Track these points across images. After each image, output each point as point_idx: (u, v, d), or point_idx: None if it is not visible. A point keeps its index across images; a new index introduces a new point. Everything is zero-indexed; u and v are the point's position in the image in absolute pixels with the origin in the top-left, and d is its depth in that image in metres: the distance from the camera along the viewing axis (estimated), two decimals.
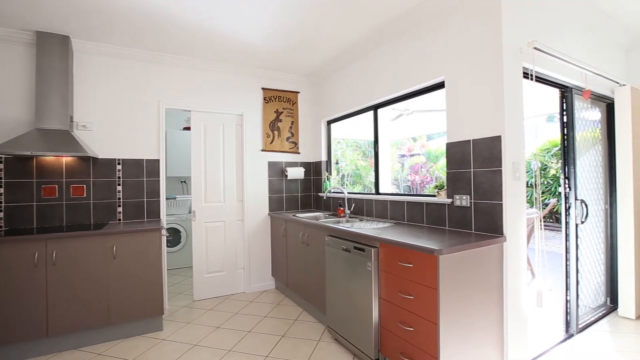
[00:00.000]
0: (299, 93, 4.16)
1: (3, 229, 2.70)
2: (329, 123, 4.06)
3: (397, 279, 1.99)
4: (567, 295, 2.65)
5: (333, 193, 3.77)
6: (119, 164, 3.18)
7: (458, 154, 2.32)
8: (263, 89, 3.93)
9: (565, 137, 2.69)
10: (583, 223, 2.71)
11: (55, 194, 2.93)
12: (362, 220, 3.08)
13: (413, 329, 1.88)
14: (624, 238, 2.89)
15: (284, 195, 4.07)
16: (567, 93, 2.65)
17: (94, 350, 2.50)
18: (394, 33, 2.81)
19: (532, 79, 2.19)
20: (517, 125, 2.10)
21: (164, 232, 2.97)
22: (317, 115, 4.15)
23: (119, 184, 3.18)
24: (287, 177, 4.01)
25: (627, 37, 3.07)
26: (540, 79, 2.41)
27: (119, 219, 3.17)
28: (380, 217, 3.06)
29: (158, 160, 3.34)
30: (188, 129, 4.94)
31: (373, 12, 2.58)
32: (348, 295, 2.39)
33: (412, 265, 1.88)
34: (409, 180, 7.07)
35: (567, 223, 2.68)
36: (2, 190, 2.76)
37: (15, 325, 2.34)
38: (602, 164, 3.05)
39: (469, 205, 2.23)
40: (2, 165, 2.75)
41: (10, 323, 2.33)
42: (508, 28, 2.04)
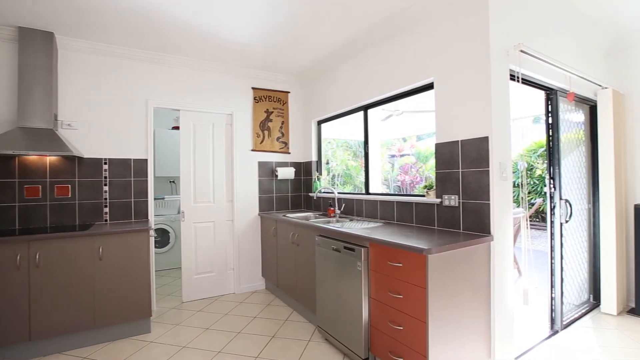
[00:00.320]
0: (290, 93, 4.15)
1: None
2: (320, 123, 4.06)
3: (386, 279, 2.01)
4: (552, 293, 2.71)
5: (323, 193, 3.77)
6: (106, 164, 3.12)
7: (447, 155, 2.35)
8: (253, 89, 3.90)
9: (551, 138, 2.75)
10: (567, 222, 2.78)
11: (39, 195, 2.85)
12: (352, 220, 3.09)
13: (402, 328, 1.89)
14: (606, 236, 2.97)
15: (274, 195, 4.06)
16: (552, 95, 2.72)
17: (79, 354, 2.45)
18: (384, 34, 2.83)
19: (518, 81, 2.23)
20: (504, 126, 2.13)
21: (152, 232, 2.93)
22: (307, 115, 4.15)
23: (106, 184, 3.12)
24: (277, 177, 4.00)
25: (609, 41, 3.16)
26: (527, 81, 2.46)
27: (106, 220, 3.11)
28: (370, 217, 3.08)
29: (146, 160, 3.29)
30: (177, 129, 4.88)
31: (362, 13, 2.59)
32: (338, 295, 2.39)
33: (401, 265, 1.90)
34: (399, 181, 7.13)
35: (552, 222, 2.74)
36: None
37: None
38: (585, 165, 3.13)
39: (458, 205, 2.27)
40: None
41: None
42: (495, 31, 2.08)
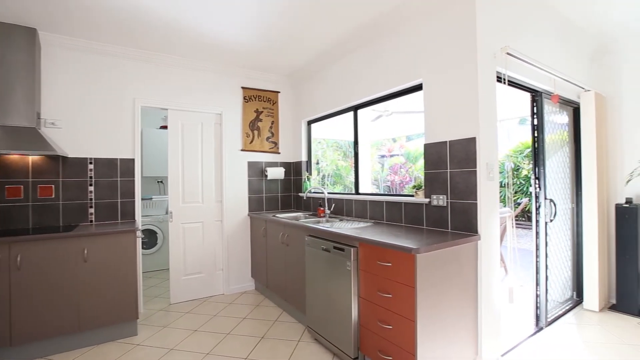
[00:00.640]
0: (280, 93, 4.13)
1: None
2: (310, 123, 4.06)
3: (376, 278, 2.02)
4: (537, 291, 2.76)
5: (313, 193, 3.77)
6: (91, 163, 3.05)
7: (435, 155, 2.37)
8: (243, 88, 3.88)
9: (536, 139, 2.81)
10: (552, 221, 2.84)
11: (21, 195, 2.77)
12: (342, 220, 3.10)
13: (391, 327, 1.91)
14: (589, 235, 3.05)
15: (264, 196, 4.04)
16: (537, 97, 2.77)
17: (63, 358, 2.39)
18: (373, 35, 2.84)
19: (504, 83, 2.27)
20: (491, 127, 2.17)
21: (139, 233, 2.88)
22: (297, 115, 4.14)
23: (91, 184, 3.05)
24: (267, 177, 3.98)
25: (592, 46, 3.24)
26: (513, 83, 2.51)
27: (91, 221, 3.05)
28: (360, 217, 3.09)
29: (133, 160, 3.23)
30: (165, 128, 4.80)
31: (352, 14, 2.60)
32: (328, 295, 2.39)
33: (390, 264, 1.91)
34: (389, 181, 7.18)
35: (537, 221, 2.80)
36: None
37: None
38: (569, 165, 3.21)
39: (446, 205, 2.29)
40: None
41: None
42: (482, 34, 2.11)
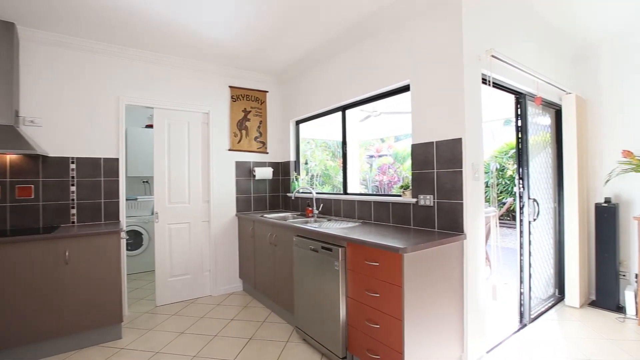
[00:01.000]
0: (268, 92, 4.11)
1: None
2: (298, 123, 4.05)
3: (363, 278, 2.03)
4: (521, 288, 2.83)
5: (302, 193, 3.76)
6: (73, 163, 2.97)
7: (422, 155, 2.40)
8: (231, 87, 3.84)
9: (520, 140, 2.87)
10: (535, 220, 2.91)
11: None
12: (330, 220, 3.10)
13: (379, 326, 1.92)
14: (570, 234, 3.14)
15: (252, 196, 4.01)
16: (521, 99, 2.84)
17: None
18: (361, 36, 2.85)
19: (489, 85, 2.31)
20: (476, 128, 2.21)
21: (124, 234, 2.82)
22: (286, 115, 4.12)
23: (73, 184, 2.97)
24: (255, 177, 3.95)
25: (574, 51, 3.34)
26: (498, 85, 2.56)
27: (73, 222, 2.96)
28: (348, 216, 3.10)
29: (117, 159, 3.16)
30: (151, 127, 4.72)
31: (340, 14, 2.60)
32: (316, 295, 2.39)
33: (378, 264, 1.92)
34: (377, 181, 7.23)
35: (521, 221, 2.87)
36: None
37: None
38: (551, 166, 3.29)
39: (433, 205, 2.32)
40: None
41: None
42: (468, 36, 2.15)
